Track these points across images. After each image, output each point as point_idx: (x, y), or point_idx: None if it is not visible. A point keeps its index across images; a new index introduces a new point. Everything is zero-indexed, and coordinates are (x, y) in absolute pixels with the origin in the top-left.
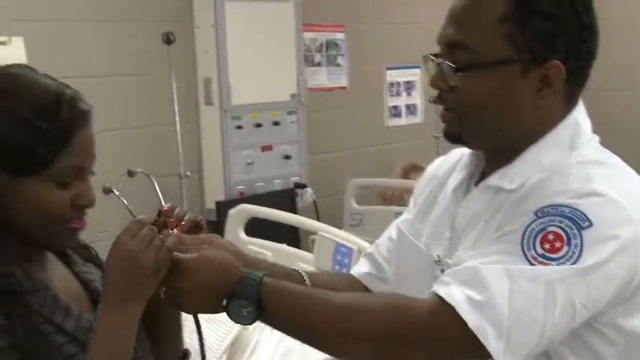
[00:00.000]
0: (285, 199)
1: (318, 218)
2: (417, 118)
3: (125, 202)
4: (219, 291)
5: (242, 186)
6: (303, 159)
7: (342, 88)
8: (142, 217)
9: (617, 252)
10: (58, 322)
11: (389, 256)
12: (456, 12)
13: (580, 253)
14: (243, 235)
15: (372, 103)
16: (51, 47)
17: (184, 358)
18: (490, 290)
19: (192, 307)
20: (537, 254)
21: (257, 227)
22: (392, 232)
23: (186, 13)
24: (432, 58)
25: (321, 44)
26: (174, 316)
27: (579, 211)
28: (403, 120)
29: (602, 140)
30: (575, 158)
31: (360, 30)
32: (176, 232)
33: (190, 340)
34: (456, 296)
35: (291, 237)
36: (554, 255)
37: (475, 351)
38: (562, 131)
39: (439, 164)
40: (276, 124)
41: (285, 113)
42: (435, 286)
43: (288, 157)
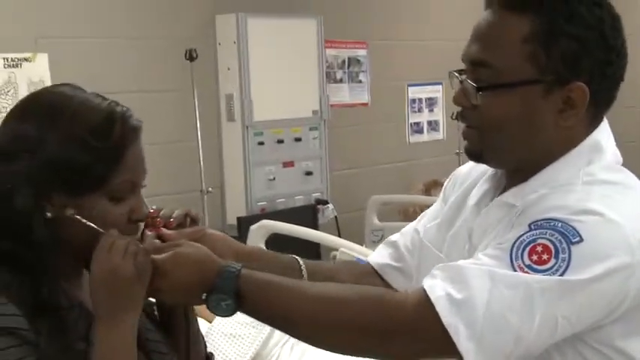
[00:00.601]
0: (307, 215)
1: (340, 234)
2: (439, 135)
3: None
4: (196, 286)
5: (263, 202)
6: (325, 175)
7: (364, 105)
8: (112, 230)
9: (608, 274)
10: (92, 339)
11: (412, 247)
12: (481, 30)
13: (567, 267)
14: None
15: (393, 120)
16: (75, 64)
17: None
18: (471, 290)
19: (172, 302)
20: (524, 264)
21: (278, 243)
22: (419, 225)
23: (208, 30)
24: (456, 75)
25: (343, 61)
26: (187, 323)
27: (571, 226)
28: (425, 136)
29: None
30: (582, 177)
31: (382, 47)
32: (150, 232)
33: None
34: (437, 291)
35: (312, 253)
36: (541, 267)
37: (448, 348)
38: (581, 151)
39: (473, 167)
40: (297, 140)
41: (307, 129)
42: (425, 278)
43: (309, 173)
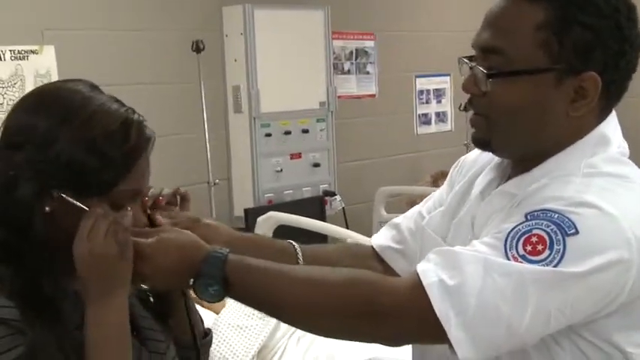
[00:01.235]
0: (314, 207)
1: (347, 226)
2: (447, 126)
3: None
4: (183, 272)
5: (271, 194)
6: (332, 167)
7: (372, 96)
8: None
9: (603, 267)
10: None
11: (415, 230)
12: (493, 16)
13: (561, 258)
14: None
15: (401, 111)
16: (81, 56)
17: (206, 337)
18: (464, 277)
19: (160, 287)
20: (518, 254)
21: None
22: (423, 208)
23: (215, 21)
24: (465, 61)
25: (351, 52)
26: (182, 301)
27: (568, 218)
28: (433, 127)
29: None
30: (583, 168)
31: (389, 38)
32: (131, 211)
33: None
34: (430, 276)
35: None
36: (535, 257)
37: (439, 335)
38: (586, 143)
39: (479, 155)
40: (305, 131)
41: (315, 121)
42: (420, 262)
43: (317, 164)
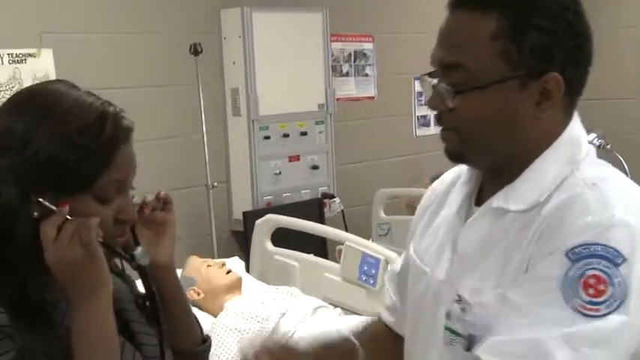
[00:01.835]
0: (313, 210)
1: (346, 228)
2: None
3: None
4: None
5: (270, 196)
6: (331, 169)
7: (371, 98)
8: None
9: None
10: None
11: (399, 287)
12: (448, 33)
13: (626, 288)
14: (269, 245)
15: (400, 113)
16: (79, 59)
17: (204, 343)
18: None
19: None
20: (584, 302)
21: (285, 237)
22: (403, 261)
23: (213, 24)
24: (427, 79)
25: (350, 54)
26: (178, 304)
27: (611, 247)
28: (432, 129)
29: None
30: (581, 177)
31: (388, 40)
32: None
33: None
34: None
35: (319, 247)
36: (600, 299)
37: None
38: (562, 146)
39: (432, 191)
40: (303, 134)
41: (313, 123)
42: (485, 355)
43: (315, 167)
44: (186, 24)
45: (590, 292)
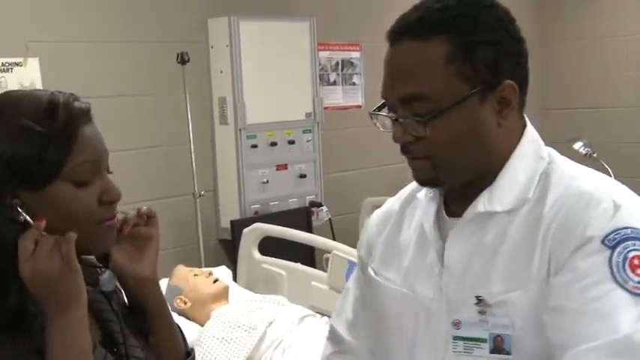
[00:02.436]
0: (301, 218)
1: (334, 237)
2: None
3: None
4: None
5: (257, 205)
6: (319, 178)
7: (358, 107)
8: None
9: None
10: None
11: (355, 320)
12: (398, 65)
13: None
14: (257, 254)
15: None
16: (66, 68)
17: (188, 356)
18: None
19: None
20: (635, 283)
21: (272, 246)
22: (354, 292)
23: (200, 33)
24: (385, 114)
25: (337, 63)
26: (162, 318)
27: (637, 228)
28: None
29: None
30: (566, 171)
31: (375, 49)
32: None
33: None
34: None
35: (306, 256)
36: None
37: None
38: (526, 145)
39: (382, 213)
40: (291, 142)
41: (301, 132)
42: None
43: (303, 175)
44: (173, 33)
45: (638, 271)
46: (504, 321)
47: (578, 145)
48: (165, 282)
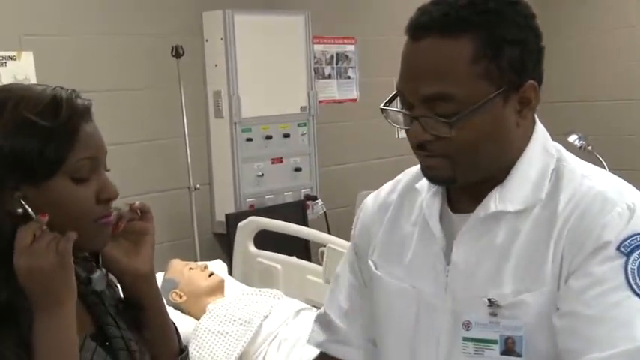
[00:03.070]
0: (296, 212)
1: (329, 230)
2: None
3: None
4: None
5: (252, 199)
6: (314, 171)
7: (353, 101)
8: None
9: None
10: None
11: (351, 308)
12: (423, 63)
13: None
14: (252, 247)
15: (382, 115)
16: (60, 62)
17: (182, 353)
18: None
19: None
20: None
21: (268, 240)
22: (350, 279)
23: (195, 26)
24: (406, 112)
25: (332, 57)
26: (157, 314)
27: None
28: None
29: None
30: (578, 170)
31: (370, 42)
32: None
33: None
34: None
35: (301, 249)
36: None
37: None
38: (536, 141)
39: (380, 203)
40: (286, 136)
41: (296, 125)
42: None
43: (298, 169)
44: (168, 26)
45: None
46: (516, 322)
47: (572, 138)
48: (160, 276)
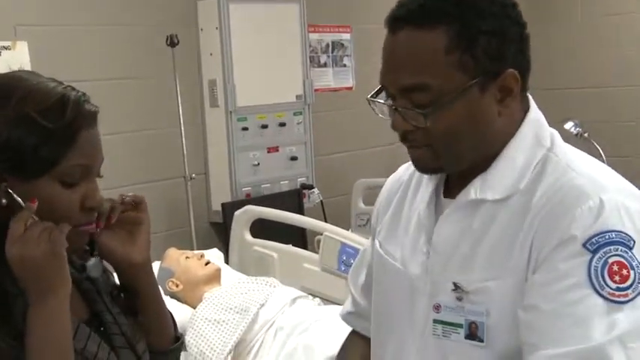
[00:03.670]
0: (292, 200)
1: (325, 219)
2: None
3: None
4: None
5: (248, 187)
6: (310, 160)
7: (349, 89)
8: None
9: None
10: None
11: (367, 284)
12: (398, 55)
13: None
14: (248, 236)
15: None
16: (55, 52)
17: (177, 341)
18: None
19: None
20: (612, 289)
21: (264, 228)
22: (369, 257)
23: (190, 15)
24: (382, 102)
25: (327, 45)
26: (154, 303)
27: (621, 232)
28: None
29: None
30: (563, 161)
31: (366, 30)
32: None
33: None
34: None
35: (298, 238)
36: (627, 283)
37: None
38: (526, 130)
39: (394, 181)
40: (282, 125)
41: (291, 114)
42: None
43: (294, 158)
44: (162, 15)
45: (616, 278)
46: (479, 308)
47: (569, 125)
48: (157, 265)
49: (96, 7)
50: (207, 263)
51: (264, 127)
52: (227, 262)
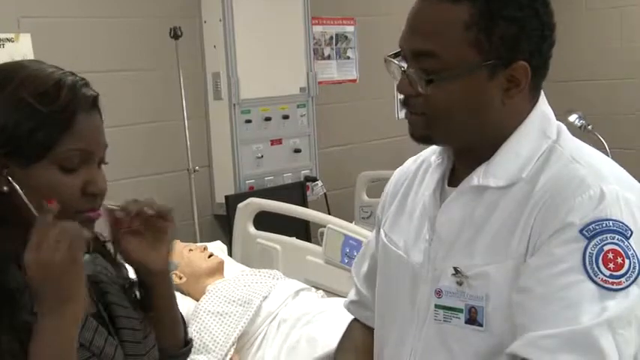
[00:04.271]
0: (296, 193)
1: (329, 211)
2: None
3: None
4: None
5: (252, 180)
6: (314, 152)
7: (352, 81)
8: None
9: None
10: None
11: (369, 274)
12: (419, 20)
13: (638, 260)
14: (252, 228)
15: (382, 96)
16: (58, 44)
17: (186, 345)
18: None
19: None
20: (606, 276)
21: (267, 221)
22: (373, 247)
23: (193, 7)
24: (395, 62)
25: (331, 37)
26: (168, 310)
27: (619, 221)
28: None
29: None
30: (568, 152)
31: (370, 23)
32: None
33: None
34: None
35: (301, 230)
36: (621, 272)
37: None
38: (533, 121)
39: (401, 173)
40: (285, 117)
41: (295, 107)
42: (534, 354)
43: (298, 150)
44: (166, 7)
45: (611, 266)
46: (479, 293)
47: (573, 117)
48: None
49: None
50: (211, 256)
51: (268, 119)
52: (230, 254)
